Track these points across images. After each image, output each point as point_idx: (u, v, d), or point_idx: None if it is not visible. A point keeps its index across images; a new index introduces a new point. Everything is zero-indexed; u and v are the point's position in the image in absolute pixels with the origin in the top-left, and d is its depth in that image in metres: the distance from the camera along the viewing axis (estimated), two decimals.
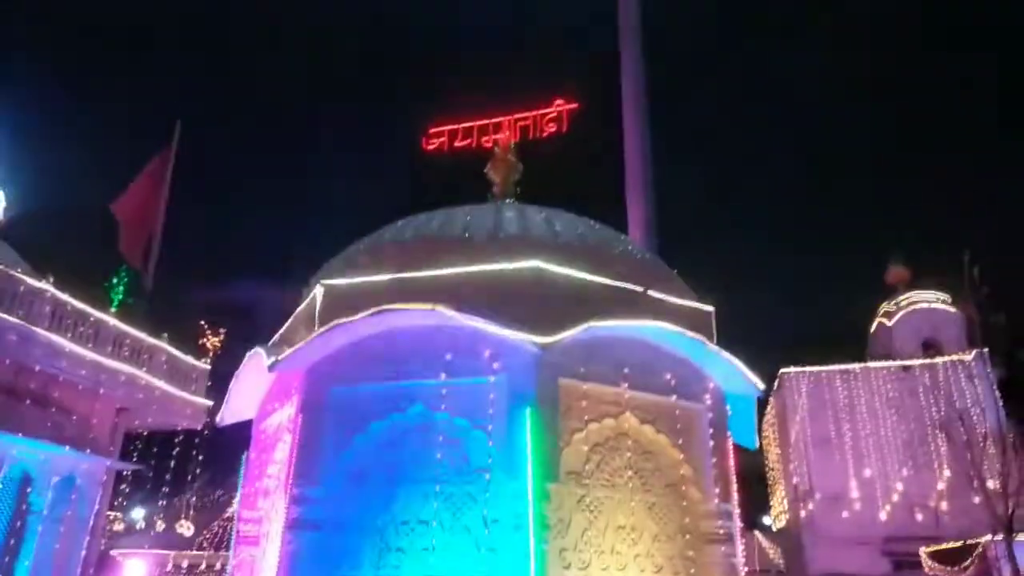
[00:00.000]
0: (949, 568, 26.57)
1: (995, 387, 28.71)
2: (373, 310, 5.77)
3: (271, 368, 5.97)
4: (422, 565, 5.40)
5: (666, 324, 6.05)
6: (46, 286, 10.48)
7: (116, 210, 13.45)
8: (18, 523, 10.26)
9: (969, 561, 25.06)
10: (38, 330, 10.21)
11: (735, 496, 6.26)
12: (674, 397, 6.22)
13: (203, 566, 18.56)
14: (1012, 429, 25.50)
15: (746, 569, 6.07)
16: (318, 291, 6.47)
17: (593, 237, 7.01)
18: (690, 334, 6.17)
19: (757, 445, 7.51)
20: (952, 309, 35.54)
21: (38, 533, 10.45)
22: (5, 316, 9.78)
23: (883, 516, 33.06)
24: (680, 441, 6.14)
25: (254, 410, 7.63)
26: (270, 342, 7.60)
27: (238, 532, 7.20)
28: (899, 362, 35.28)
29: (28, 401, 10.33)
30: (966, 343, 31.74)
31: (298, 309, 7.08)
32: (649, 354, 6.17)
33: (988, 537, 23.69)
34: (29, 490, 10.39)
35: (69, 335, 10.73)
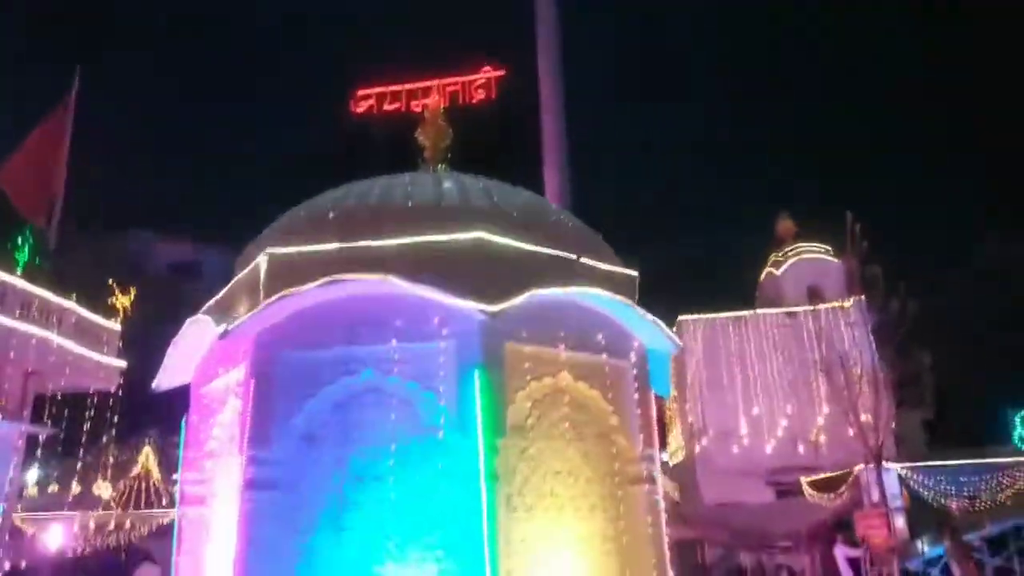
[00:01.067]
0: (826, 495, 29.40)
1: (870, 333, 31.43)
2: (324, 280, 5.99)
3: (222, 336, 6.11)
4: (378, 518, 5.80)
5: (599, 290, 6.57)
6: None
7: (3, 178, 12.64)
8: None
9: (843, 488, 27.82)
10: None
11: (656, 442, 6.96)
12: (604, 356, 6.80)
13: (112, 525, 18.30)
14: (883, 370, 28.12)
15: None
16: (261, 259, 6.59)
17: (529, 207, 7.41)
18: (619, 299, 6.73)
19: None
20: (834, 260, 38.33)
21: None
22: None
23: (768, 450, 35.89)
24: (609, 395, 6.76)
25: (190, 374, 7.72)
26: (204, 308, 7.67)
27: (182, 492, 7.37)
28: (785, 309, 37.92)
29: None
30: (846, 292, 34.45)
31: (238, 276, 7.16)
32: (582, 317, 6.69)
33: (860, 466, 26.31)
34: None
35: None
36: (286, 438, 5.98)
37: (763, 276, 45.49)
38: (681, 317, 40.75)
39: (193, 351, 7.40)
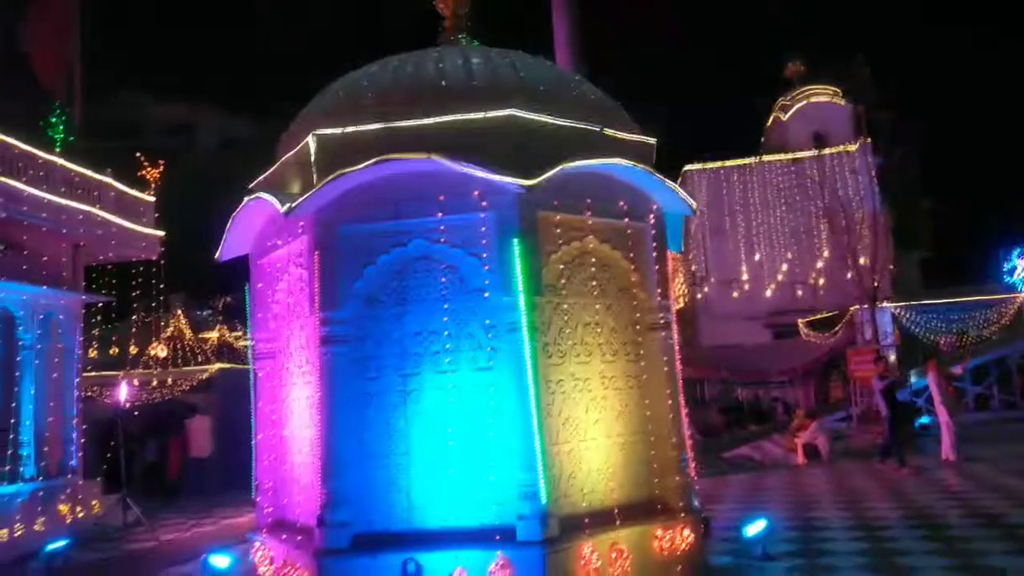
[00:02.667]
0: (821, 333, 31.09)
1: (874, 177, 31.83)
2: (375, 160, 6.60)
3: (286, 214, 6.80)
4: (436, 364, 6.77)
5: (624, 161, 7.18)
6: None
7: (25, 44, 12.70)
8: (16, 359, 11.04)
9: (838, 327, 29.39)
10: None
11: (672, 293, 7.84)
12: (626, 220, 7.52)
13: (155, 383, 19.87)
14: (884, 215, 28.87)
15: None
16: (310, 140, 7.16)
17: (553, 80, 7.84)
18: (641, 167, 7.35)
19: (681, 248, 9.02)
20: (843, 104, 38.01)
21: (34, 366, 11.30)
22: None
23: (768, 294, 37.48)
24: (631, 255, 7.55)
25: (248, 246, 8.50)
26: (254, 184, 8.32)
27: (255, 350, 8.38)
28: (790, 155, 38.13)
29: (1, 247, 10.70)
30: (852, 137, 34.52)
31: (285, 156, 7.74)
32: (606, 185, 7.35)
33: (856, 307, 27.70)
34: (21, 328, 11.06)
35: (24, 179, 10.91)
36: (351, 301, 6.83)
37: (770, 121, 45.17)
38: (687, 167, 41.03)
39: (250, 225, 8.14)
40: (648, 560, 6.85)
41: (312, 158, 7.14)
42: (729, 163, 38.17)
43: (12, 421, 10.81)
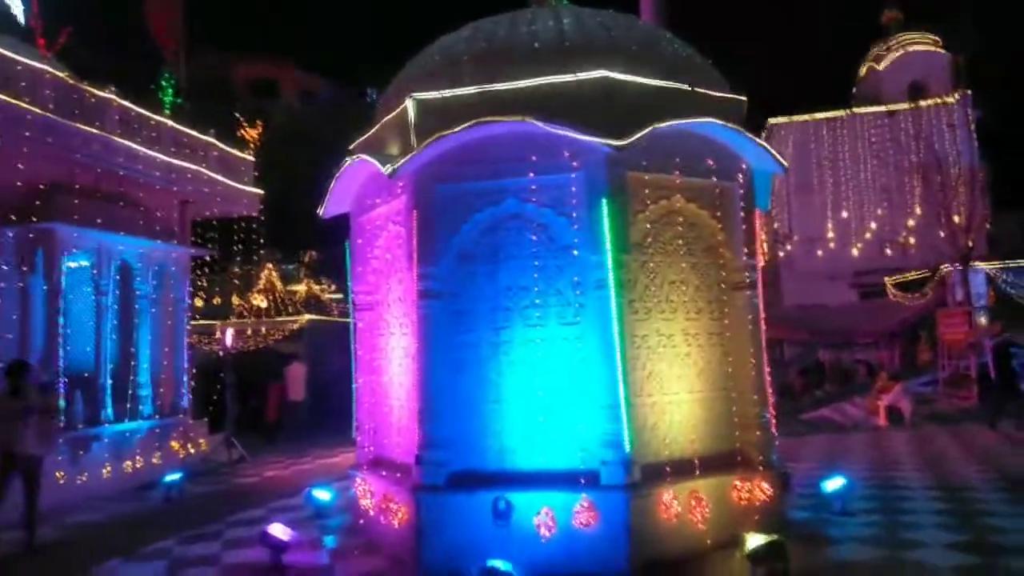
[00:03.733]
0: (910, 294, 30.03)
1: (974, 131, 30.13)
2: (471, 123, 6.89)
3: (391, 175, 7.20)
4: (526, 318, 7.12)
5: (715, 120, 7.25)
6: (111, 95, 11.23)
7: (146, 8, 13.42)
8: (134, 307, 12.02)
9: (928, 287, 28.33)
10: (115, 138, 11.16)
11: (759, 253, 7.91)
12: (714, 179, 7.61)
13: (249, 332, 21.04)
14: (983, 170, 27.41)
15: None
16: (409, 103, 7.49)
17: (645, 39, 7.90)
18: (731, 127, 7.40)
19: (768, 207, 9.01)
20: (942, 52, 35.87)
21: (150, 314, 12.27)
22: (87, 127, 10.68)
23: (855, 253, 36.26)
24: (718, 214, 7.66)
25: (348, 204, 8.99)
26: (355, 146, 8.76)
27: (355, 301, 8.92)
28: (884, 108, 36.38)
29: (120, 203, 11.59)
30: (951, 87, 32.65)
31: (385, 118, 8.12)
32: (695, 144, 7.44)
33: (947, 267, 26.63)
34: (138, 279, 12.01)
35: (139, 139, 11.70)
36: (447, 257, 7.22)
37: (863, 71, 43.05)
38: (772, 121, 39.72)
39: (351, 184, 8.61)
40: (726, 509, 7.12)
41: (411, 120, 7.49)
42: (818, 116, 36.73)
43: (132, 364, 11.83)
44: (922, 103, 31.84)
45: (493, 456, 7.11)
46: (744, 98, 8.08)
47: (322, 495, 9.41)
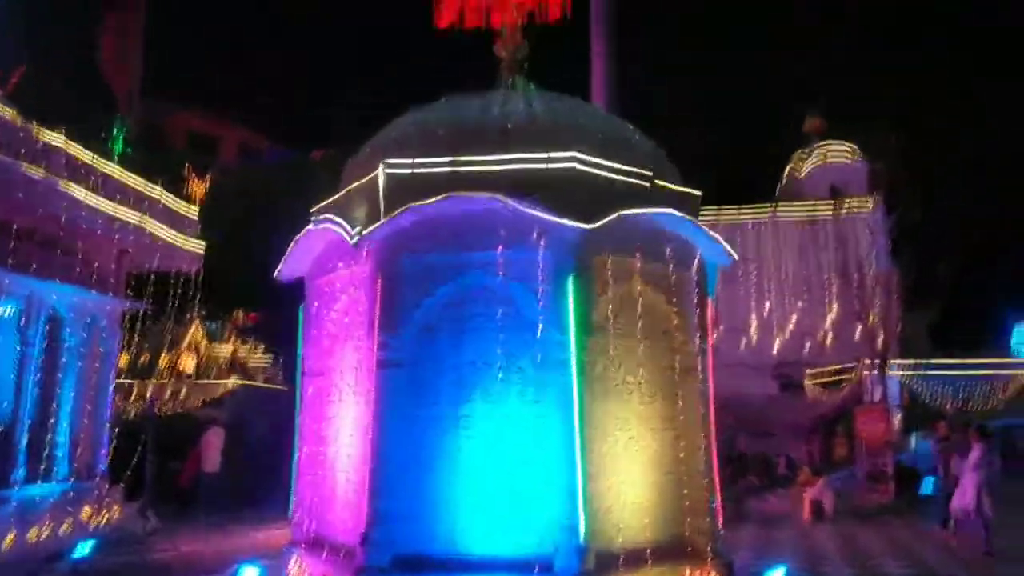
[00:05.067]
0: (827, 389, 31.20)
1: (889, 238, 32.19)
2: (443, 196, 7.00)
3: (355, 244, 7.18)
4: (487, 394, 7.08)
5: (676, 211, 7.58)
6: (60, 139, 10.91)
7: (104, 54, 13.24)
8: (60, 360, 11.36)
9: (845, 384, 29.53)
10: (61, 183, 10.78)
11: (709, 339, 8.16)
12: (671, 266, 7.88)
13: (168, 393, 20.08)
14: (896, 275, 29.19)
15: None
16: (380, 171, 7.55)
17: (610, 128, 8.29)
18: (689, 218, 7.74)
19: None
20: (860, 162, 38.57)
21: (75, 369, 11.61)
22: (32, 169, 10.29)
23: (776, 345, 37.57)
24: (674, 300, 7.89)
25: (306, 267, 8.86)
26: (319, 208, 8.72)
27: (304, 366, 8.68)
28: (805, 210, 38.60)
29: (59, 251, 11.09)
30: (868, 195, 34.99)
31: (354, 184, 8.14)
32: (655, 232, 7.72)
33: (863, 364, 27.84)
34: (67, 331, 11.40)
35: (85, 186, 11.33)
36: (409, 327, 7.17)
37: (786, 173, 45.74)
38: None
39: (312, 247, 8.51)
40: None
41: (381, 189, 7.53)
42: (744, 211, 38.66)
43: (52, 421, 11.09)
44: (840, 208, 33.96)
45: (444, 537, 6.90)
46: (699, 193, 8.48)
47: (251, 573, 8.85)
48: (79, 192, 10.94)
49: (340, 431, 8.01)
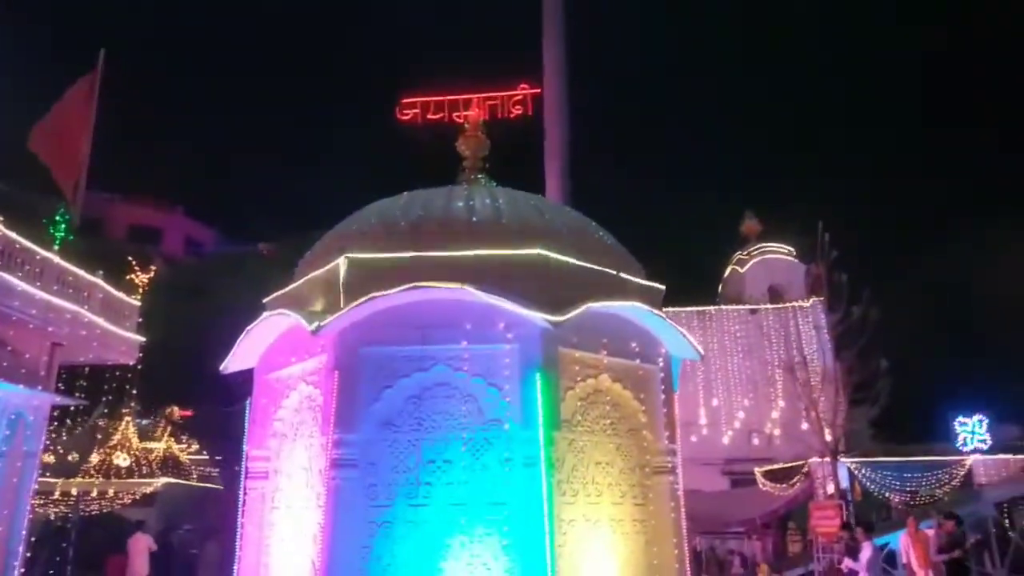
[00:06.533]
0: (779, 485, 31.06)
1: (830, 335, 33.03)
2: (408, 286, 6.79)
3: (314, 332, 6.85)
4: (448, 495, 6.67)
5: (641, 305, 7.51)
6: None
7: (34, 143, 12.85)
8: None
9: (796, 479, 29.47)
10: None
11: (678, 437, 7.94)
12: (637, 360, 7.75)
13: (95, 492, 18.70)
14: (840, 372, 29.79)
15: None
16: (341, 262, 7.33)
17: (574, 224, 8.29)
18: (656, 312, 7.67)
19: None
20: (796, 261, 40.03)
21: None
22: None
23: (725, 440, 37.56)
24: (641, 395, 7.72)
25: (255, 360, 8.42)
26: (273, 299, 8.38)
27: (247, 469, 8.10)
28: (748, 306, 39.54)
29: None
30: (807, 293, 36.13)
31: (312, 273, 7.87)
32: (621, 326, 7.62)
33: (815, 459, 27.91)
34: None
35: (20, 274, 10.73)
36: (366, 423, 6.79)
37: (727, 272, 47.10)
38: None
39: (262, 339, 8.11)
40: None
41: (341, 279, 7.28)
42: (688, 309, 39.34)
43: None
44: (780, 305, 34.89)
45: None
46: (663, 287, 8.46)
47: None
48: (13, 280, 10.33)
49: (285, 539, 7.41)
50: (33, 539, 11.94)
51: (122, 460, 17.50)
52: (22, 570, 11.34)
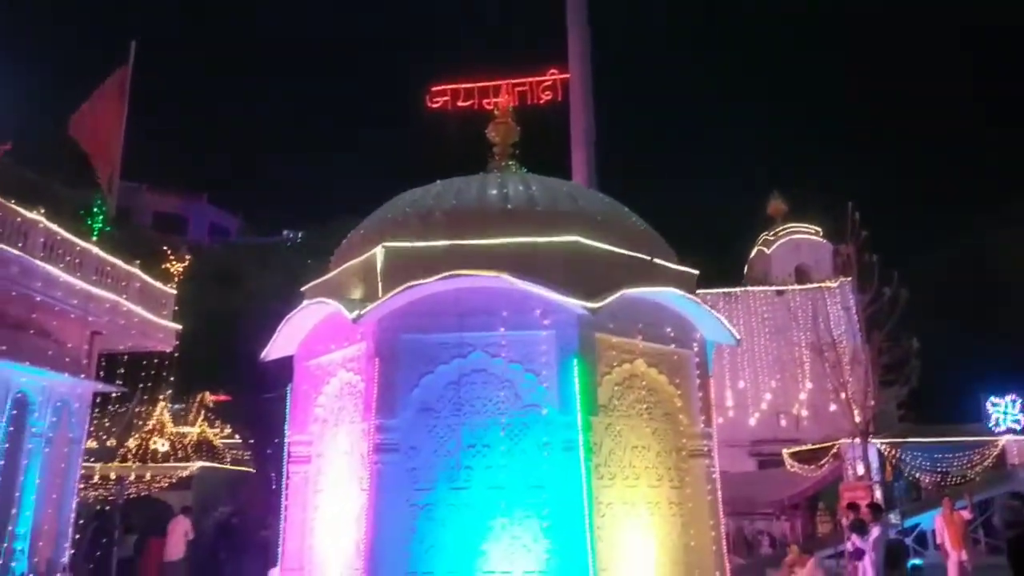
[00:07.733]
0: (807, 466, 30.96)
1: (859, 316, 32.71)
2: (445, 275, 6.87)
3: (355, 320, 6.97)
4: (487, 479, 6.78)
5: (677, 290, 7.54)
6: (38, 217, 10.63)
7: (74, 129, 13.11)
8: (26, 445, 10.73)
9: (825, 460, 29.33)
10: (37, 262, 10.44)
11: (714, 421, 7.99)
12: (673, 345, 7.78)
13: (132, 476, 19.12)
14: (869, 353, 29.53)
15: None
16: (378, 251, 7.43)
17: (608, 210, 8.31)
18: (691, 297, 7.70)
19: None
20: (823, 241, 39.57)
21: (43, 454, 10.98)
22: (7, 248, 9.96)
23: (752, 422, 37.47)
24: (676, 380, 7.76)
25: (294, 347, 8.58)
26: (311, 287, 8.52)
27: (290, 453, 8.28)
28: (775, 287, 39.24)
29: (31, 331, 10.64)
30: (833, 273, 35.75)
31: (349, 262, 7.98)
32: (656, 311, 7.65)
33: (845, 440, 27.76)
34: (35, 414, 10.82)
35: (61, 265, 10.99)
36: (406, 409, 6.91)
37: (753, 254, 46.66)
38: None
39: (302, 326, 8.26)
40: None
41: (379, 268, 7.38)
42: (714, 290, 39.12)
43: (13, 512, 10.37)
44: (807, 285, 34.58)
45: None
46: (696, 272, 8.47)
47: None
48: (54, 271, 10.60)
49: (329, 522, 7.59)
50: (81, 521, 12.29)
51: (160, 445, 17.88)
52: (72, 551, 11.70)
